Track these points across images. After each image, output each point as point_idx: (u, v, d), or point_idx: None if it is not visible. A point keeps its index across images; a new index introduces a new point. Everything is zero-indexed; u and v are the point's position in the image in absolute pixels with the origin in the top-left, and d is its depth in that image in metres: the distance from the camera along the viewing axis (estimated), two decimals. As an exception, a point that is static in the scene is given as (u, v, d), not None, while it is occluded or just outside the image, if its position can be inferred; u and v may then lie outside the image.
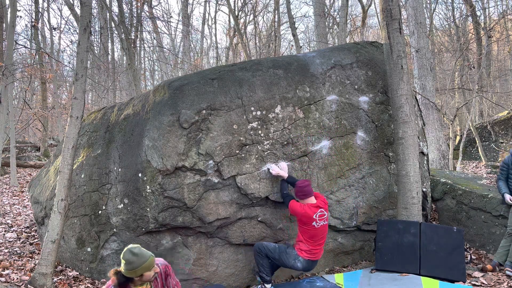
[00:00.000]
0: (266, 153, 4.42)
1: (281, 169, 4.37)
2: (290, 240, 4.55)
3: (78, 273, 4.83)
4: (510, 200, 4.78)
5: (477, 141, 12.15)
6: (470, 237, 5.52)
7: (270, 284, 4.15)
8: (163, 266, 3.01)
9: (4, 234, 6.37)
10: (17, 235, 6.35)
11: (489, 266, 4.63)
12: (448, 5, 20.09)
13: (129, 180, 4.28)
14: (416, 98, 6.42)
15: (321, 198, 4.08)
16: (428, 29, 12.67)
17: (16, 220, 7.35)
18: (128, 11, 14.15)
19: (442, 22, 22.70)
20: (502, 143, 12.54)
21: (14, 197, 9.49)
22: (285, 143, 4.53)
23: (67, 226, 4.95)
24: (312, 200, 3.99)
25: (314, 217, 3.87)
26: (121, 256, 2.79)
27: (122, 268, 2.79)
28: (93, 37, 17.80)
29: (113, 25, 14.63)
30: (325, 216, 3.97)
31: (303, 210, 3.89)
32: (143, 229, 4.24)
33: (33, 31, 15.26)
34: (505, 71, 19.29)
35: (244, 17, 21.31)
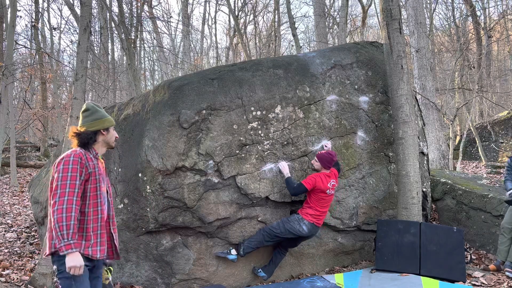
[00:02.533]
0: (266, 153, 4.42)
1: (284, 167, 4.45)
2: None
3: (78, 273, 4.83)
4: (510, 195, 4.75)
5: (477, 141, 12.14)
6: (470, 237, 5.52)
7: (236, 257, 4.31)
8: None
9: (4, 234, 6.37)
10: (17, 235, 6.36)
11: (491, 266, 4.62)
12: (448, 5, 20.09)
13: (129, 180, 4.28)
14: (416, 98, 6.42)
15: (334, 170, 4.43)
16: (428, 29, 12.67)
17: (16, 220, 7.35)
18: (128, 11, 14.16)
19: (442, 22, 22.72)
20: (502, 143, 12.53)
21: (14, 197, 9.49)
22: (285, 143, 4.53)
23: (67, 226, 4.95)
24: (326, 171, 4.35)
25: (328, 185, 4.25)
26: (82, 110, 2.56)
27: (83, 124, 2.53)
28: (93, 37, 17.80)
29: (113, 25, 14.63)
30: (335, 186, 4.38)
31: (319, 178, 4.22)
32: (143, 229, 4.24)
33: (33, 31, 15.25)
34: (505, 71, 19.29)
35: (244, 17, 21.31)
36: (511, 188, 4.82)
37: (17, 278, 4.53)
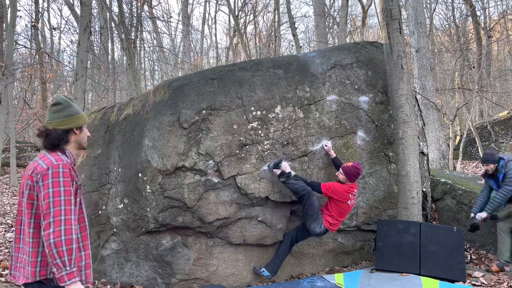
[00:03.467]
0: (266, 153, 4.42)
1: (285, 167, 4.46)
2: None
3: (78, 273, 4.83)
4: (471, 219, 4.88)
5: (477, 141, 12.15)
6: (470, 237, 5.52)
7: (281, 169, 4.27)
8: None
9: (4, 234, 6.37)
10: (17, 235, 6.35)
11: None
12: (448, 5, 20.08)
13: (129, 180, 4.28)
14: (416, 98, 6.42)
15: (352, 184, 4.42)
16: (428, 29, 12.68)
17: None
18: (128, 11, 14.16)
19: (442, 22, 22.71)
20: (502, 143, 12.53)
21: (14, 197, 9.49)
22: (285, 143, 4.53)
23: (67, 226, 4.95)
24: (351, 183, 4.33)
25: (350, 196, 4.26)
26: (51, 103, 2.18)
27: (52, 120, 2.14)
28: (93, 37, 17.78)
29: (113, 25, 14.63)
30: (355, 196, 4.41)
31: (342, 189, 4.23)
32: (143, 229, 4.24)
33: (33, 31, 15.25)
34: (505, 71, 19.29)
35: (244, 17, 21.31)
36: (471, 212, 4.89)
37: (17, 278, 4.53)
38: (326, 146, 4.69)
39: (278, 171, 4.26)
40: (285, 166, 4.40)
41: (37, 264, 2.01)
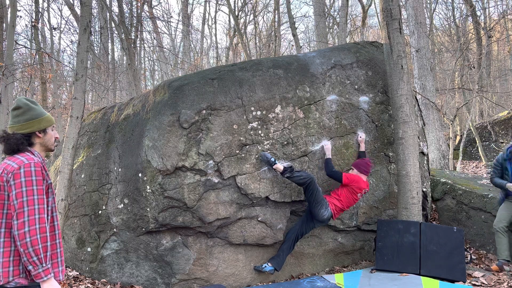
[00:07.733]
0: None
1: (327, 148, 4.63)
2: None
3: (78, 273, 4.84)
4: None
5: (477, 141, 12.14)
6: (470, 237, 5.52)
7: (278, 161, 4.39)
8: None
9: None
10: (17, 235, 6.34)
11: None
12: (448, 5, 20.07)
13: (129, 180, 4.28)
14: (416, 98, 6.42)
15: (366, 181, 4.63)
16: (428, 29, 12.67)
17: (16, 220, 7.33)
18: (128, 11, 14.15)
19: (442, 22, 22.70)
20: (502, 143, 12.51)
21: None
22: (285, 143, 4.53)
23: (67, 226, 4.96)
24: (364, 178, 4.56)
25: (363, 190, 4.49)
26: (12, 107, 2.15)
27: (13, 125, 2.11)
28: (93, 37, 17.79)
29: (113, 25, 14.62)
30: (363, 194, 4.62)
31: (362, 181, 4.46)
32: (143, 229, 4.24)
33: (33, 31, 15.24)
34: (505, 71, 19.27)
35: (244, 17, 21.29)
36: (506, 182, 4.79)
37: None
38: (360, 137, 4.88)
39: (280, 169, 4.27)
40: (329, 147, 4.61)
41: (10, 264, 2.02)
